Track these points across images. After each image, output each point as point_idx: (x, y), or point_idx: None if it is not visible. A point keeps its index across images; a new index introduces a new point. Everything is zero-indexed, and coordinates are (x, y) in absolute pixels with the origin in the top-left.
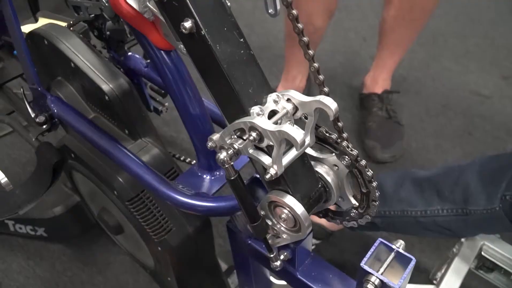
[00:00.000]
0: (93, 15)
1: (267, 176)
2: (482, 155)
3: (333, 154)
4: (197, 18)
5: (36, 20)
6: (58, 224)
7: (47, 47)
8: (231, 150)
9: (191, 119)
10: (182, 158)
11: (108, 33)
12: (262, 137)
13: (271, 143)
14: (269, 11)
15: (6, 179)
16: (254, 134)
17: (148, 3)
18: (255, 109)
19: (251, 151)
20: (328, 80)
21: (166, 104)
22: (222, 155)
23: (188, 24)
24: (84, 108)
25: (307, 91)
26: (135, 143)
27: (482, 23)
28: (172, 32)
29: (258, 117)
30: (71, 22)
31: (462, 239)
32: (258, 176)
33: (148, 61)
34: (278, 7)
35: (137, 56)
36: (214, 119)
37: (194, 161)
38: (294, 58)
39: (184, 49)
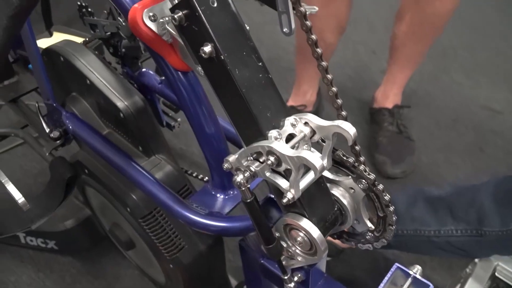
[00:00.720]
0: (109, 33)
1: (284, 201)
2: (496, 175)
3: (350, 176)
4: (216, 42)
5: (51, 35)
6: (69, 237)
7: (63, 64)
8: (248, 173)
9: (206, 138)
10: (194, 175)
11: (123, 50)
12: (280, 161)
13: (289, 167)
14: (284, 30)
15: (23, 199)
16: (272, 158)
17: (167, 26)
18: (273, 133)
19: (268, 174)
20: (338, 93)
21: (179, 119)
22: (239, 177)
23: (207, 48)
24: (98, 124)
25: (317, 105)
26: (148, 160)
27: (492, 37)
28: (190, 55)
29: (276, 141)
30: (87, 39)
31: (476, 260)
32: (272, 196)
33: (163, 78)
34: (293, 26)
35: (151, 72)
36: (229, 137)
37: (207, 178)
38: (305, 73)
39: (202, 72)
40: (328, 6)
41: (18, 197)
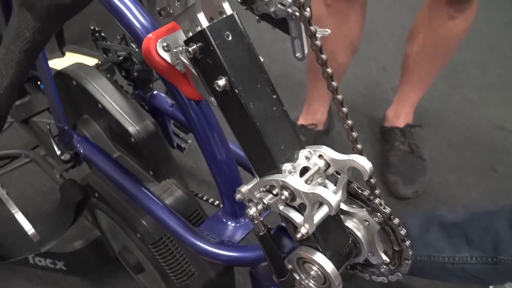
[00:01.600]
0: (121, 57)
1: (298, 236)
2: (510, 197)
3: (364, 209)
4: (231, 76)
5: (63, 54)
6: (78, 258)
7: (76, 87)
8: (261, 206)
9: (217, 165)
10: (205, 198)
11: (135, 74)
12: (294, 196)
13: (303, 202)
14: (297, 55)
15: (33, 230)
16: (286, 193)
17: (180, 56)
18: (287, 167)
19: (281, 207)
20: (348, 112)
21: (189, 141)
22: (252, 210)
23: (222, 82)
24: (109, 146)
25: (328, 124)
26: (159, 185)
27: (504, 55)
28: (204, 87)
29: (291, 176)
30: (99, 62)
31: (491, 286)
32: (284, 225)
33: (174, 102)
34: (306, 51)
35: (162, 95)
36: (240, 162)
37: (217, 202)
38: (316, 92)
39: (216, 103)
40: (341, 27)
41: (28, 228)
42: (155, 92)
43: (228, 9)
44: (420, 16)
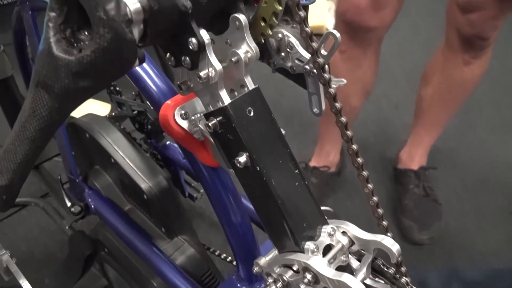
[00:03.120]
0: (136, 112)
1: None
2: None
3: (388, 286)
4: (252, 153)
5: None
6: None
7: (88, 140)
8: (280, 283)
9: (232, 228)
10: (217, 253)
11: (149, 127)
12: (318, 279)
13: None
14: (314, 110)
15: None
16: (309, 276)
17: (199, 124)
18: (309, 246)
19: (302, 287)
20: (360, 151)
21: (202, 190)
22: None
23: (242, 159)
24: (120, 199)
25: (340, 166)
26: (171, 242)
27: None
28: (223, 159)
29: (314, 258)
30: (113, 114)
31: None
32: None
33: None
34: (323, 107)
35: (175, 145)
36: (254, 220)
37: (230, 258)
38: (328, 134)
39: (234, 174)
40: (354, 72)
41: None
42: (168, 142)
43: (250, 83)
44: (434, 60)
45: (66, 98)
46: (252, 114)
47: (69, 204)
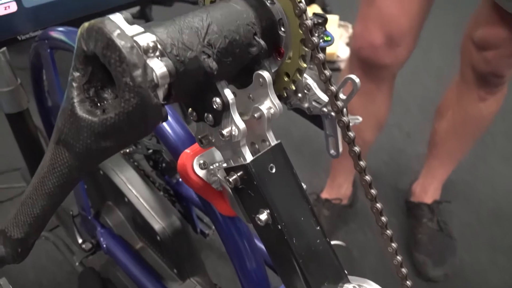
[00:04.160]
0: (151, 151)
1: None
2: None
3: None
4: (274, 211)
5: None
6: None
7: (102, 177)
8: None
9: (247, 273)
10: None
11: (163, 165)
12: None
13: None
14: (331, 152)
15: None
16: None
17: (218, 174)
18: None
19: None
20: (373, 182)
21: (213, 227)
22: None
23: (263, 216)
24: (131, 236)
25: (353, 198)
26: (183, 284)
27: None
28: (243, 214)
29: None
30: (128, 151)
31: None
32: None
33: None
34: (341, 150)
35: None
36: (268, 263)
37: None
38: (340, 166)
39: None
40: (368, 106)
41: None
42: (181, 179)
43: (272, 139)
44: (449, 94)
45: (87, 157)
46: (274, 170)
47: (80, 240)
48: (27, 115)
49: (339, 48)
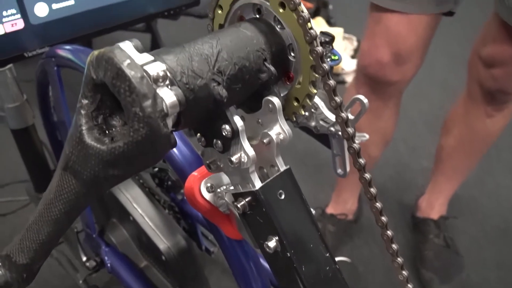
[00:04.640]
0: (156, 169)
1: None
2: None
3: None
4: (283, 239)
5: None
6: None
7: (108, 195)
8: None
9: None
10: None
11: (169, 183)
12: None
13: None
14: (338, 171)
15: None
16: None
17: (225, 197)
18: None
19: None
20: (378, 196)
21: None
22: None
23: (272, 244)
24: (136, 254)
25: (358, 213)
26: None
27: None
28: (251, 239)
29: None
30: None
31: None
32: None
33: None
34: (348, 169)
35: None
36: (273, 283)
37: None
38: (346, 182)
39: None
40: (374, 123)
41: None
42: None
43: (281, 164)
44: (455, 110)
45: (94, 185)
46: (283, 197)
47: (84, 258)
48: (33, 131)
49: (344, 61)
